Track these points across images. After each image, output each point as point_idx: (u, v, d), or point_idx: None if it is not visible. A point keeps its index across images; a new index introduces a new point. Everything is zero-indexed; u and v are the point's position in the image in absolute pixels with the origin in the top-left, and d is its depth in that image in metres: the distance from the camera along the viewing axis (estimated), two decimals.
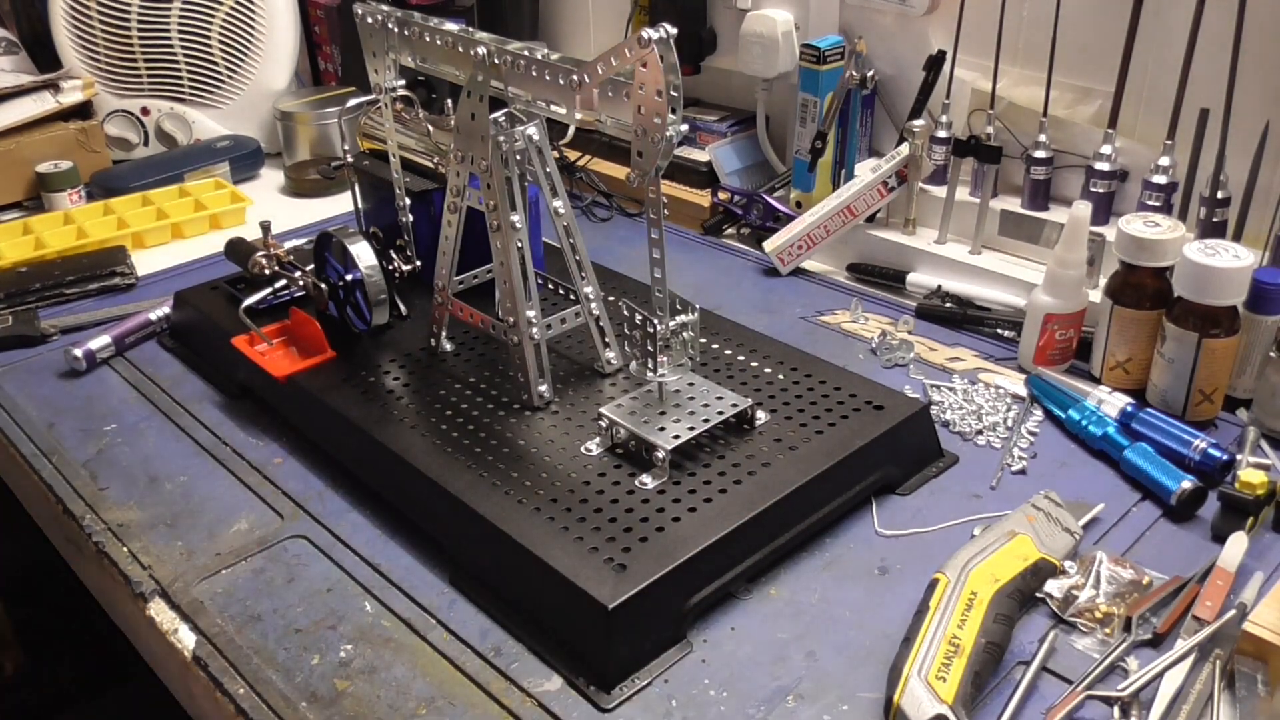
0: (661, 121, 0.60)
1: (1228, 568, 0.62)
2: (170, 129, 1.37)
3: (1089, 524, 0.68)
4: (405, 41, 0.76)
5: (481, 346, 0.83)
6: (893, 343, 0.90)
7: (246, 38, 1.36)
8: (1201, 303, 0.75)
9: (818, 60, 1.04)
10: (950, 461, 0.75)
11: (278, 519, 0.71)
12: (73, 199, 1.23)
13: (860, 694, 0.56)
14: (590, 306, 0.73)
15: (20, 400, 0.87)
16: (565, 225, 0.72)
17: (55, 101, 1.27)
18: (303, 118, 1.32)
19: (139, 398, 0.87)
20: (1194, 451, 0.72)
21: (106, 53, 1.34)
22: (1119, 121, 0.91)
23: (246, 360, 0.81)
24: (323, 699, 0.57)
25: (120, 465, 0.78)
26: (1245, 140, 0.83)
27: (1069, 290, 0.82)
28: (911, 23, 1.05)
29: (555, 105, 0.67)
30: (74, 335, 0.96)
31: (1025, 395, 0.82)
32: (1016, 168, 0.99)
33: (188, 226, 1.18)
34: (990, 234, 0.99)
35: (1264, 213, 0.84)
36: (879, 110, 1.11)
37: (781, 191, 1.15)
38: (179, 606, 0.64)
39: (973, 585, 0.58)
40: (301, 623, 0.62)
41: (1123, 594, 0.61)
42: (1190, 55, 0.85)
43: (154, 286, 1.06)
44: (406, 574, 0.66)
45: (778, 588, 0.64)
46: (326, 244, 0.83)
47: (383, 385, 0.78)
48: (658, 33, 0.58)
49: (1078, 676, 0.56)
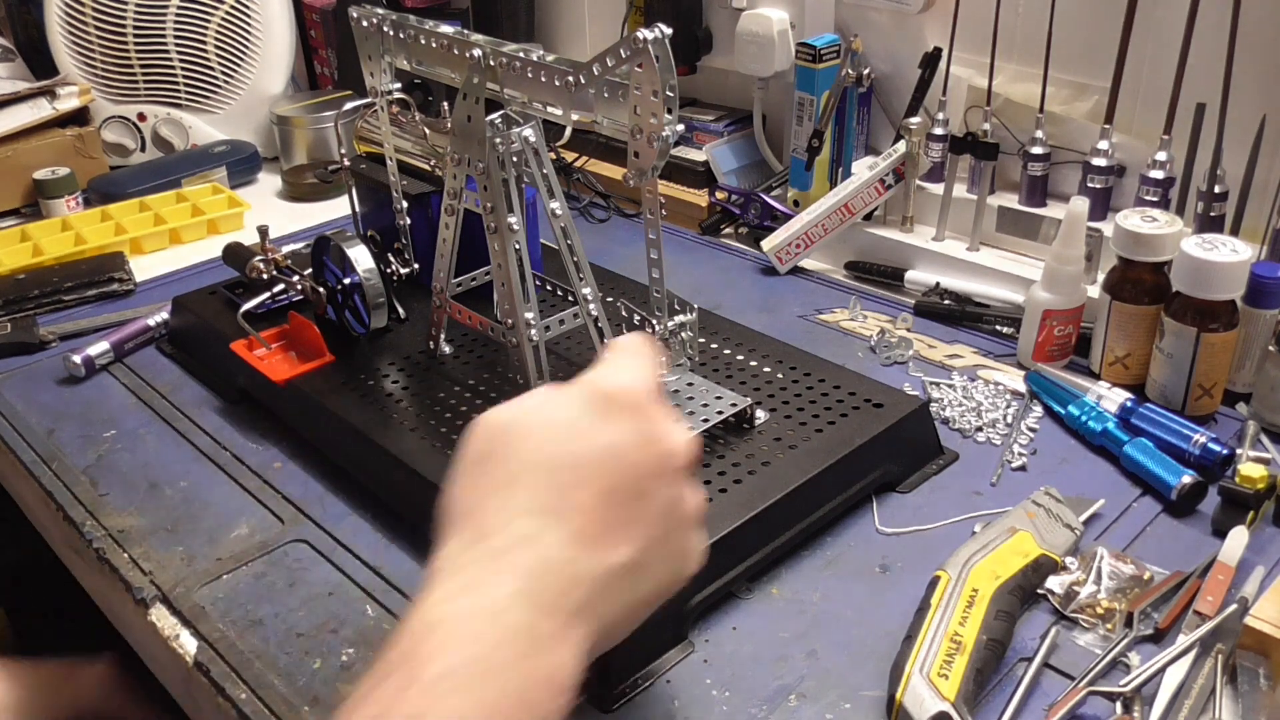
0: (658, 122, 0.60)
1: (1228, 562, 0.62)
2: (167, 134, 1.37)
3: (1089, 520, 0.68)
4: (401, 44, 0.76)
5: (480, 349, 0.83)
6: (891, 340, 0.90)
7: (242, 42, 1.36)
8: (1200, 297, 0.75)
9: (814, 59, 1.04)
10: (950, 459, 0.75)
11: (278, 524, 0.71)
12: (70, 205, 1.23)
13: (862, 692, 0.56)
14: (589, 307, 0.73)
15: (20, 407, 0.87)
16: (563, 226, 0.71)
17: (52, 108, 1.27)
18: (299, 122, 1.32)
19: (138, 403, 0.87)
20: (1194, 446, 0.72)
21: (102, 59, 1.34)
22: (1116, 117, 0.91)
23: (245, 365, 0.81)
24: (325, 703, 0.57)
25: (120, 471, 0.78)
26: (1242, 134, 0.83)
27: (1067, 286, 0.83)
28: (907, 20, 1.05)
29: (551, 107, 0.67)
30: (73, 341, 0.96)
31: (1025, 391, 0.82)
32: (1014, 164, 0.99)
33: (185, 232, 1.18)
34: (988, 231, 0.99)
35: (1262, 206, 0.84)
36: (875, 108, 1.12)
37: (779, 190, 1.15)
38: (180, 612, 0.64)
39: (974, 582, 0.58)
40: (303, 627, 0.62)
41: (1124, 589, 0.61)
42: (1186, 49, 0.85)
43: (152, 292, 1.06)
44: (408, 577, 0.66)
45: (779, 587, 0.64)
46: (324, 248, 0.83)
47: (382, 388, 0.78)
48: (653, 33, 0.58)
49: (1079, 672, 0.56)
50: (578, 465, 0.46)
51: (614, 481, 0.46)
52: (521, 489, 0.46)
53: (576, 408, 0.48)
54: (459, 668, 0.40)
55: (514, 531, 0.45)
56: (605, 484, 0.46)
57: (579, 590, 0.44)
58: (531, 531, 0.44)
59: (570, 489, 0.46)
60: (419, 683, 0.39)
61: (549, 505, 0.45)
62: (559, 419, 0.48)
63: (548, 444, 0.47)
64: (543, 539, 0.44)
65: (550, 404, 0.48)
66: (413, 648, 0.41)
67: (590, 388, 0.48)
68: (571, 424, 0.47)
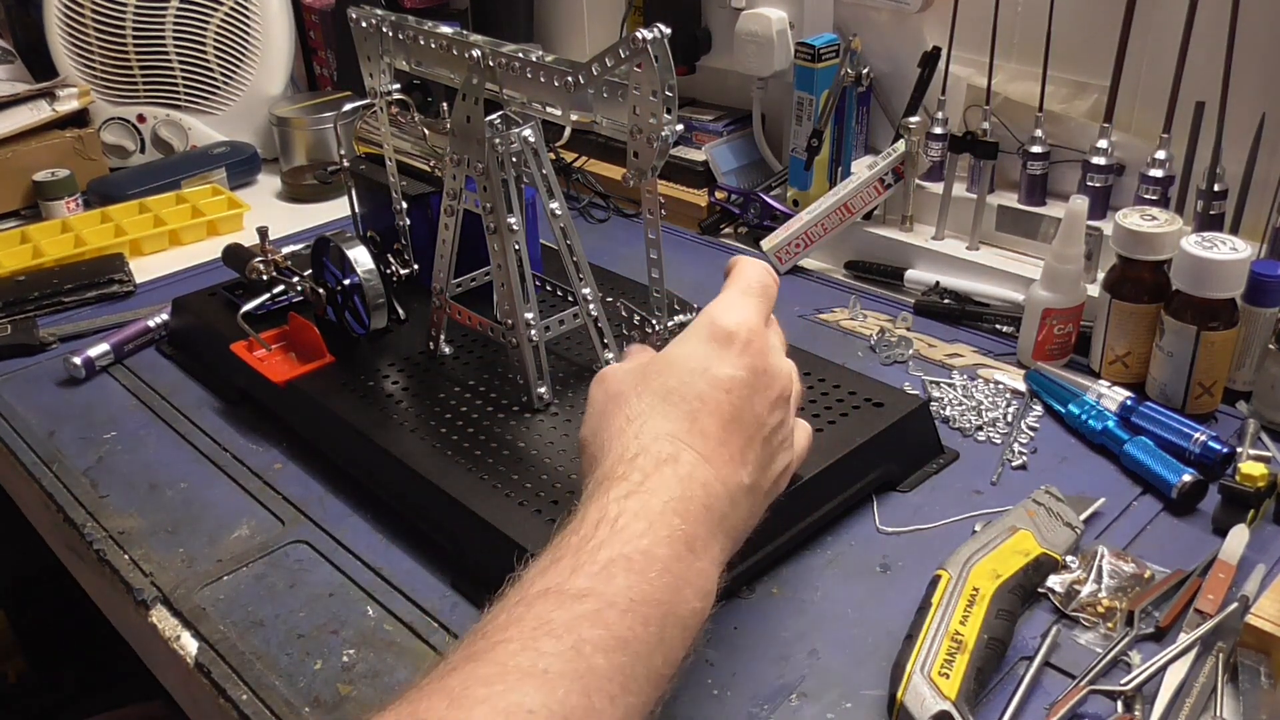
0: (657, 122, 0.60)
1: (1229, 560, 0.62)
2: (166, 136, 1.37)
3: (1090, 518, 0.68)
4: (400, 45, 0.76)
5: (480, 349, 0.83)
6: (891, 340, 0.90)
7: (241, 43, 1.36)
8: (1200, 296, 0.75)
9: (813, 58, 1.04)
10: (950, 458, 0.75)
11: (279, 524, 0.71)
12: (70, 207, 1.23)
13: (863, 691, 0.56)
14: (589, 308, 0.73)
15: (20, 409, 0.87)
16: (562, 227, 0.71)
17: (51, 110, 1.27)
18: (299, 123, 1.32)
19: (138, 405, 0.87)
20: (1194, 445, 0.72)
21: (102, 60, 1.34)
22: (1115, 115, 0.91)
23: (245, 366, 0.81)
24: (326, 704, 0.57)
25: (120, 472, 0.78)
26: (1241, 132, 0.83)
27: (1067, 285, 0.82)
28: (906, 19, 1.05)
29: (551, 107, 0.67)
30: (73, 343, 0.96)
31: (1025, 390, 0.82)
32: (1013, 163, 0.99)
33: (185, 233, 1.18)
34: (988, 230, 0.99)
35: (1261, 205, 0.84)
36: (875, 107, 1.12)
37: (778, 190, 1.15)
38: (181, 613, 0.64)
39: (974, 581, 0.58)
40: (304, 628, 0.62)
41: (1124, 588, 0.61)
42: (1185, 48, 0.85)
43: (152, 293, 1.06)
44: (408, 578, 0.66)
45: (780, 586, 0.64)
46: (324, 249, 0.83)
47: (382, 389, 0.78)
48: (652, 33, 0.58)
49: (1080, 671, 0.56)
50: (703, 396, 0.52)
51: (734, 410, 0.52)
52: (658, 416, 0.52)
53: (699, 345, 0.54)
54: (626, 556, 0.45)
55: (660, 451, 0.50)
56: (728, 412, 0.52)
57: (717, 505, 0.50)
58: (673, 451, 0.50)
59: (699, 416, 0.52)
60: (593, 564, 0.45)
61: (682, 430, 0.51)
62: (684, 355, 0.54)
63: (674, 377, 0.53)
64: (681, 459, 0.50)
65: (677, 346, 0.55)
66: (586, 537, 0.46)
67: (710, 326, 0.54)
68: (695, 359, 0.53)
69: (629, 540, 0.46)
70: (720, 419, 0.52)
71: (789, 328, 0.95)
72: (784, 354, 0.57)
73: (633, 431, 0.52)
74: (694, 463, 0.50)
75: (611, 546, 0.46)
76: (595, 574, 0.45)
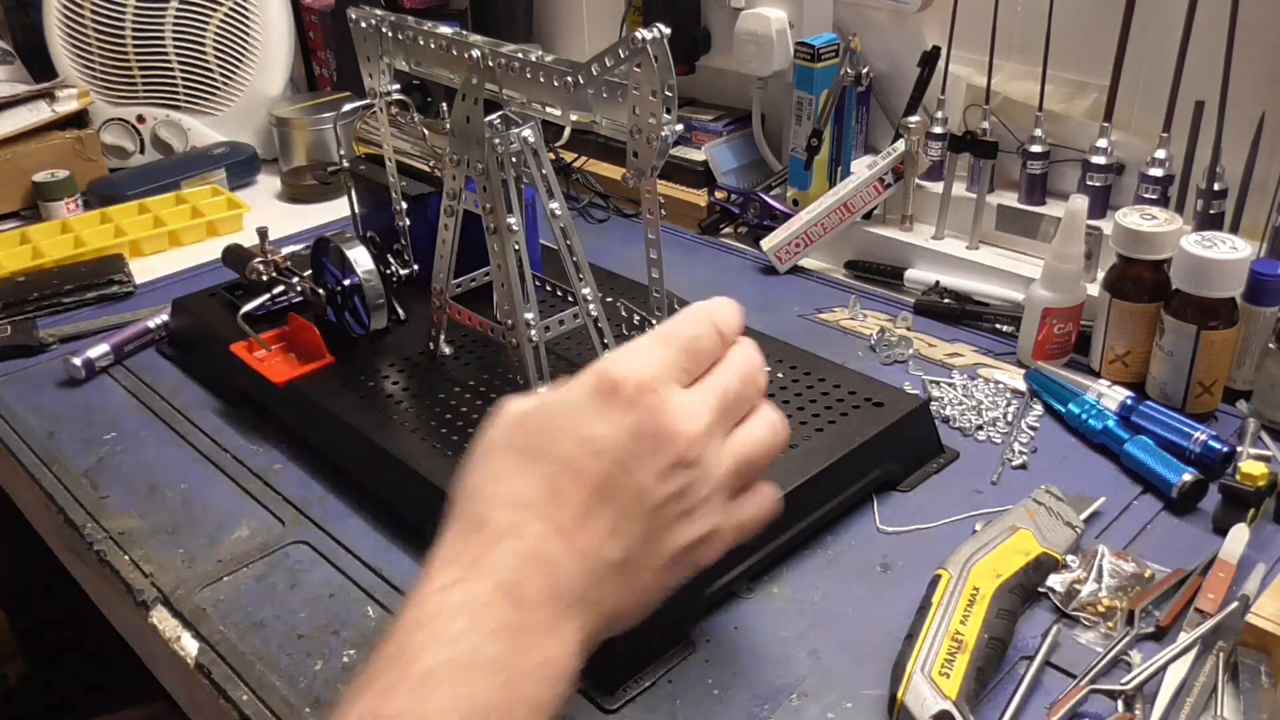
0: (657, 122, 0.60)
1: (1229, 560, 0.62)
2: (166, 136, 1.37)
3: (1090, 518, 0.68)
4: (399, 45, 0.76)
5: (480, 349, 0.83)
6: (891, 339, 0.90)
7: (241, 44, 1.36)
8: (1200, 295, 0.75)
9: (812, 58, 1.04)
10: (950, 457, 0.75)
11: (279, 525, 0.71)
12: (70, 208, 1.23)
13: (864, 691, 0.56)
14: (589, 308, 0.73)
15: (20, 410, 0.87)
16: (562, 227, 0.71)
17: (51, 111, 1.27)
18: (298, 123, 1.32)
19: (138, 406, 0.87)
20: (1194, 444, 0.72)
21: (101, 61, 1.34)
22: (1115, 115, 0.91)
23: (245, 366, 0.81)
24: (326, 704, 0.57)
25: (121, 473, 0.78)
26: (1241, 131, 0.83)
27: (1067, 284, 0.83)
28: (906, 19, 1.05)
29: (550, 107, 0.67)
30: (73, 344, 0.96)
31: (1025, 390, 0.82)
32: (1013, 163, 0.99)
33: (185, 234, 1.18)
34: (987, 229, 0.99)
35: (1261, 204, 0.84)
36: (874, 107, 1.12)
37: (778, 190, 1.14)
38: (181, 614, 0.64)
39: (975, 581, 0.58)
40: (304, 629, 0.62)
41: (1125, 587, 0.61)
42: (1185, 47, 0.85)
43: (152, 294, 1.06)
44: (408, 578, 0.66)
45: (780, 586, 0.64)
46: (324, 249, 0.82)
47: (382, 389, 0.78)
48: (652, 33, 0.58)
49: (1081, 670, 0.56)
50: (569, 458, 0.45)
51: (604, 477, 0.45)
52: (516, 479, 0.45)
53: (578, 395, 0.46)
54: (446, 663, 0.40)
55: (501, 523, 0.44)
56: (595, 478, 0.45)
57: (568, 583, 0.44)
58: (517, 523, 0.44)
59: (559, 481, 0.45)
60: (408, 680, 0.39)
61: (536, 498, 0.45)
62: (560, 407, 0.46)
63: (542, 434, 0.46)
64: (526, 531, 0.44)
65: (559, 393, 0.47)
66: (401, 645, 0.41)
67: (597, 374, 0.46)
68: (569, 413, 0.46)
69: (448, 642, 0.40)
70: (585, 486, 0.44)
71: (789, 327, 0.95)
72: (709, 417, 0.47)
73: (485, 495, 0.45)
74: (541, 537, 0.44)
75: (430, 653, 0.40)
76: (412, 691, 0.39)
